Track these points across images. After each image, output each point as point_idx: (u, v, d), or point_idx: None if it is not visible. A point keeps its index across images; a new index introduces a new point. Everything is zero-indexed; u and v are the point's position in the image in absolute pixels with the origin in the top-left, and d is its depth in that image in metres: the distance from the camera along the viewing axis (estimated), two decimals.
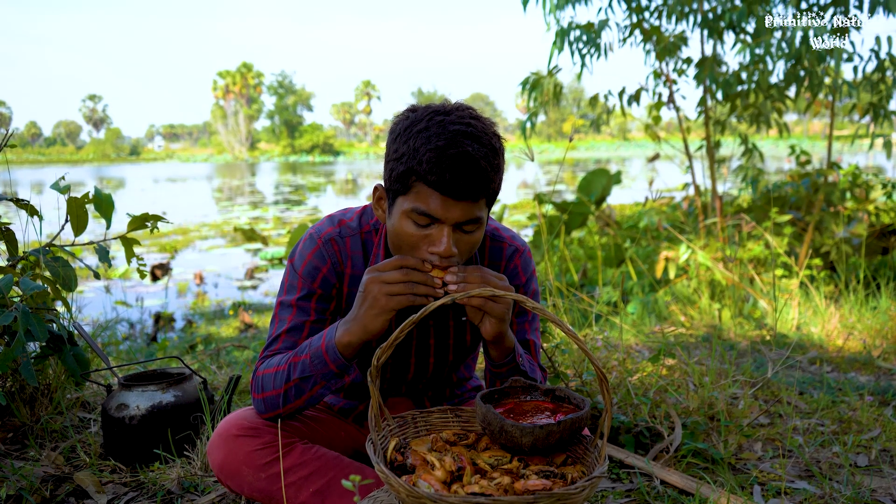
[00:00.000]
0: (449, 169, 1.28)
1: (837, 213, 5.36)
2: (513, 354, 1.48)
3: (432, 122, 1.33)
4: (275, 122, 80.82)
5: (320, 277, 1.54)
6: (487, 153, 1.32)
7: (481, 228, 1.40)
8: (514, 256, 1.63)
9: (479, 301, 1.35)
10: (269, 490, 1.48)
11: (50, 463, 2.01)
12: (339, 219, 1.60)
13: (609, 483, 1.95)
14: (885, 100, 4.82)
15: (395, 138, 1.37)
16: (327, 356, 1.41)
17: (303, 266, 1.55)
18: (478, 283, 1.35)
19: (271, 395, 1.48)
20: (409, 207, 1.35)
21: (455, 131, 1.31)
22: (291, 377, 1.45)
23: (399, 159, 1.34)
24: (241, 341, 4.40)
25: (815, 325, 3.92)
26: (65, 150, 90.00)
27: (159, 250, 10.94)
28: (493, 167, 1.33)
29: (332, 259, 1.55)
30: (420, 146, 1.30)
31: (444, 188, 1.30)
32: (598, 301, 3.89)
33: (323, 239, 1.55)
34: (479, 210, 1.36)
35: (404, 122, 1.36)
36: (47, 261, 2.13)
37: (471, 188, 1.31)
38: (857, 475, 2.00)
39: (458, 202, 1.32)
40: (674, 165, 6.14)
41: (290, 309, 1.55)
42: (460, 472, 1.20)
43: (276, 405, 1.49)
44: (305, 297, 1.54)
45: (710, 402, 2.34)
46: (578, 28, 5.02)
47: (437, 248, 1.35)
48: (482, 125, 1.35)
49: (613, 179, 7.47)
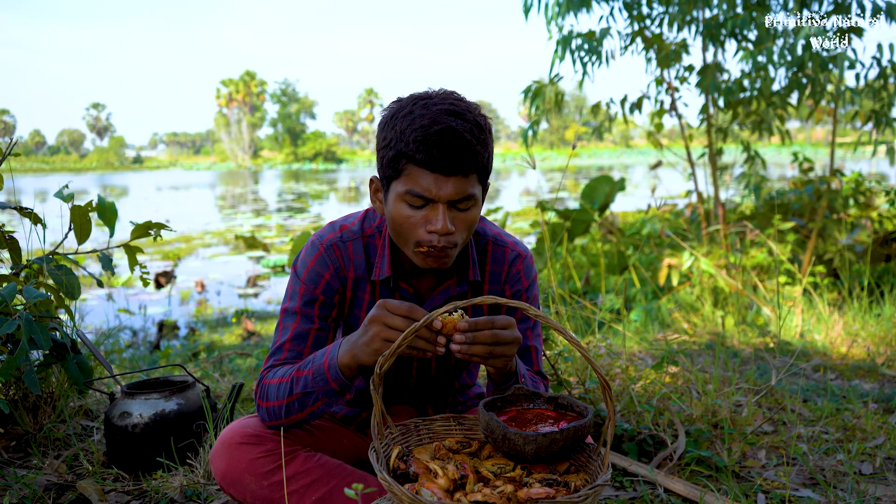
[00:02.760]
0: (435, 145, 1.32)
1: (840, 220, 5.35)
2: (515, 377, 1.47)
3: (416, 105, 1.37)
4: (278, 130, 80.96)
5: (323, 283, 1.55)
6: (472, 128, 1.36)
7: (477, 206, 1.42)
8: (517, 261, 1.64)
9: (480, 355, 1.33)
10: (271, 498, 1.48)
11: (53, 471, 2.01)
12: (341, 224, 1.60)
13: (612, 491, 1.94)
14: (887, 107, 4.82)
15: (384, 127, 1.41)
16: (328, 374, 1.41)
17: (305, 272, 1.55)
18: (487, 340, 1.32)
19: (275, 405, 1.49)
20: (402, 190, 1.38)
21: (438, 110, 1.35)
22: (294, 391, 1.45)
23: (388, 146, 1.38)
24: (243, 349, 4.40)
25: (818, 332, 3.91)
26: (68, 159, 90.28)
27: (162, 258, 10.96)
28: (478, 141, 1.36)
29: (335, 264, 1.55)
30: (406, 128, 1.35)
31: (432, 165, 1.33)
32: (600, 308, 3.88)
33: (325, 245, 1.56)
34: (471, 187, 1.38)
35: (391, 111, 1.41)
36: (51, 269, 2.14)
37: (458, 162, 1.34)
38: (862, 483, 2.00)
39: (449, 178, 1.35)
40: (676, 173, 6.15)
41: (294, 316, 1.55)
42: (463, 481, 1.19)
43: (279, 415, 1.49)
44: (309, 304, 1.55)
45: (714, 410, 2.33)
46: (580, 36, 5.03)
47: (434, 226, 1.37)
48: (465, 104, 1.39)
49: (616, 187, 7.48)
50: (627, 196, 13.13)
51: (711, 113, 5.43)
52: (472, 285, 1.61)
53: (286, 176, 48.76)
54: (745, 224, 5.15)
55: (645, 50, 5.32)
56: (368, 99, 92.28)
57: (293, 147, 76.66)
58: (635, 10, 5.23)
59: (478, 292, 1.62)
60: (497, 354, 1.32)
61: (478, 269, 1.60)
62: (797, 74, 4.85)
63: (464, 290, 1.60)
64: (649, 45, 5.28)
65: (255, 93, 77.81)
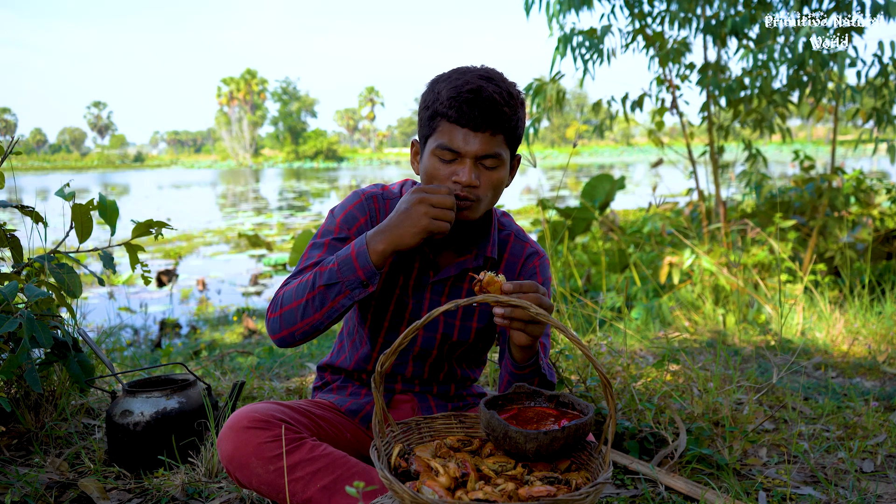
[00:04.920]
0: (466, 101, 1.44)
1: (842, 218, 5.34)
2: (536, 356, 1.50)
3: (455, 72, 1.52)
4: (279, 129, 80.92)
5: (357, 227, 1.63)
6: (502, 91, 1.47)
7: (503, 168, 1.52)
8: (533, 257, 1.72)
9: (522, 319, 1.37)
10: (277, 483, 1.49)
11: (54, 469, 2.01)
12: (383, 185, 1.71)
13: (613, 489, 1.94)
14: (888, 104, 4.81)
15: (425, 94, 1.54)
16: (357, 262, 1.45)
17: (343, 214, 1.65)
18: (533, 299, 1.35)
19: (290, 308, 1.50)
20: (434, 145, 1.50)
21: (474, 75, 1.49)
22: (316, 284, 1.47)
23: (427, 107, 1.52)
24: (245, 347, 4.40)
25: (819, 330, 3.91)
26: (69, 157, 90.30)
27: (164, 256, 10.96)
28: (507, 104, 1.47)
29: (371, 213, 1.65)
30: (442, 90, 1.48)
31: (461, 120, 1.45)
32: (601, 306, 3.89)
33: (366, 195, 1.67)
34: (497, 146, 1.49)
35: (433, 79, 1.55)
36: (52, 267, 2.14)
37: (486, 119, 1.45)
38: (863, 481, 2.00)
39: (476, 134, 1.46)
40: (677, 171, 6.14)
41: (322, 247, 1.62)
42: (464, 479, 1.19)
43: (293, 320, 1.50)
44: (339, 241, 1.61)
45: (715, 408, 2.33)
46: (581, 34, 5.03)
47: (459, 177, 1.47)
48: (500, 75, 1.52)
49: (617, 185, 7.47)
50: (628, 194, 13.12)
51: (713, 111, 5.42)
52: (489, 265, 1.68)
53: (287, 174, 48.75)
54: (747, 222, 5.15)
55: (646, 48, 5.32)
56: (369, 97, 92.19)
57: (294, 145, 76.67)
58: (636, 7, 5.22)
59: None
60: (532, 330, 1.38)
61: (497, 249, 1.68)
62: (798, 72, 4.84)
63: (480, 264, 1.66)
64: (650, 43, 5.27)
65: (256, 91, 77.74)
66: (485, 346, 1.79)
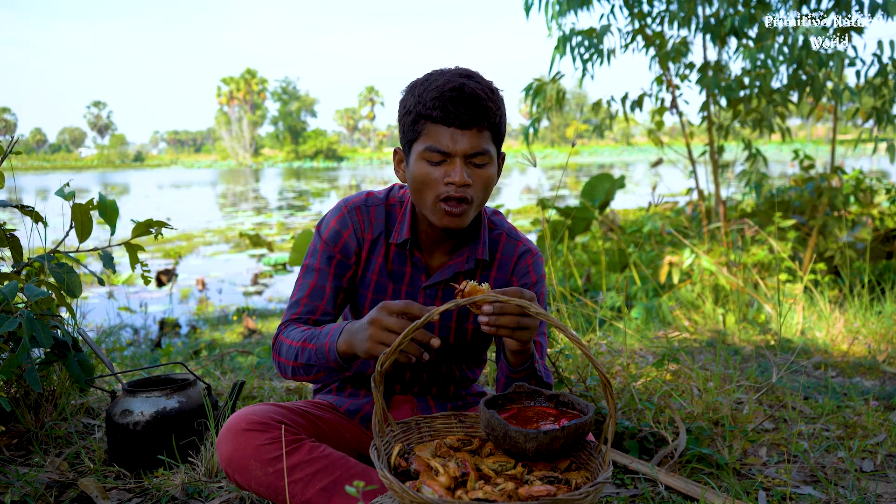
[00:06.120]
0: (450, 100, 1.44)
1: (841, 217, 5.34)
2: (530, 360, 1.50)
3: (432, 74, 1.51)
4: (279, 128, 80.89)
5: (342, 242, 1.64)
6: (484, 87, 1.48)
7: (492, 165, 1.52)
8: (526, 256, 1.71)
9: (508, 326, 1.35)
10: (276, 485, 1.49)
11: (54, 469, 2.01)
12: (368, 192, 1.71)
13: (613, 488, 1.94)
14: (887, 104, 4.81)
15: (404, 98, 1.53)
16: (329, 355, 1.48)
17: (327, 231, 1.66)
18: (515, 311, 1.34)
19: (286, 363, 1.59)
20: (421, 149, 1.48)
21: (453, 74, 1.49)
22: (300, 359, 1.54)
23: (408, 112, 1.50)
24: (244, 347, 4.40)
25: (819, 329, 3.91)
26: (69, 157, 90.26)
27: (163, 256, 10.96)
28: (490, 99, 1.47)
29: (355, 224, 1.65)
30: (422, 92, 1.48)
31: (448, 120, 1.44)
32: (601, 306, 3.89)
33: (349, 207, 1.66)
34: (485, 143, 1.48)
35: (410, 84, 1.54)
36: (52, 267, 2.14)
37: (472, 116, 1.44)
38: (863, 480, 2.00)
39: (464, 132, 1.46)
40: (677, 170, 6.14)
41: (313, 273, 1.65)
42: (464, 478, 1.19)
43: (290, 373, 1.60)
44: (327, 262, 1.64)
45: (715, 407, 2.33)
46: (580, 34, 5.03)
47: (452, 178, 1.46)
48: (478, 73, 1.52)
49: (617, 184, 7.47)
50: (628, 194, 13.14)
51: (712, 110, 5.42)
52: (481, 267, 1.68)
53: (287, 174, 48.74)
54: (746, 221, 5.15)
55: (645, 48, 5.32)
56: (369, 97, 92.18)
57: (294, 145, 76.66)
58: (636, 7, 5.22)
59: (486, 275, 1.68)
60: (523, 326, 1.36)
61: (487, 251, 1.67)
62: (797, 72, 4.84)
63: (472, 267, 1.66)
64: (650, 43, 5.27)
65: (256, 91, 77.74)
66: (482, 347, 1.79)
